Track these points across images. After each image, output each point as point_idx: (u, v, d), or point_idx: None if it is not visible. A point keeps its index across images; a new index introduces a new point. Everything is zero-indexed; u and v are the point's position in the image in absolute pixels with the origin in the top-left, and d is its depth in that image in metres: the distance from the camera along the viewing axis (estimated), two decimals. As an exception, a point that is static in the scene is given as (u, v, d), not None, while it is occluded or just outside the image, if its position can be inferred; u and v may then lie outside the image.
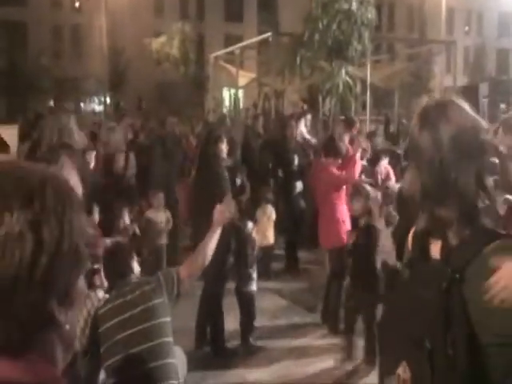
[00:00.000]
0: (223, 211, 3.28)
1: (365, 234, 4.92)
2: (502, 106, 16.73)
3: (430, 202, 1.53)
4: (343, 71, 8.81)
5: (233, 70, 17.30)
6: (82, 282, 0.94)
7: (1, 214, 0.85)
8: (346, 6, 8.65)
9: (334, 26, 8.60)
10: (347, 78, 8.82)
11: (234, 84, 17.55)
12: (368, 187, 5.22)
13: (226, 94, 22.94)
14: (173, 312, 3.10)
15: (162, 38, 30.66)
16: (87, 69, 32.63)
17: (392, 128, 16.09)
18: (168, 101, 28.29)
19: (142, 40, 31.14)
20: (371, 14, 8.83)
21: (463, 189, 1.48)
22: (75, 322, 0.96)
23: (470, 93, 8.81)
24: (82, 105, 35.81)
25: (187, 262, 3.17)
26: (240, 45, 17.24)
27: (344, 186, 5.81)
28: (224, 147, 5.22)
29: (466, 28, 42.90)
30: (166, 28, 31.44)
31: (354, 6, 8.64)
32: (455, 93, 15.94)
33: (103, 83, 28.97)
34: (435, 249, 1.57)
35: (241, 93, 21.19)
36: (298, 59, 9.02)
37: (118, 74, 31.03)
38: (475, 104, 8.96)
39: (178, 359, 3.06)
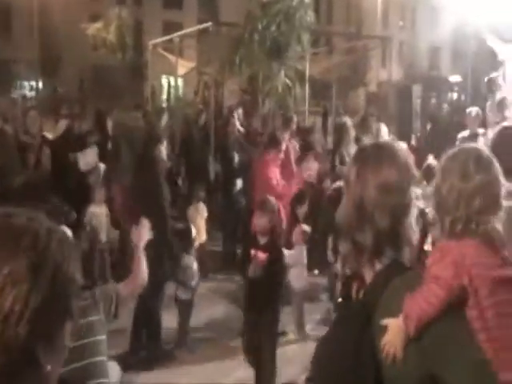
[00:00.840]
0: (140, 234, 3.23)
1: (267, 264, 4.24)
2: (433, 101, 17.45)
3: (351, 230, 1.68)
4: (282, 73, 8.88)
5: (172, 58, 17.04)
6: (68, 328, 1.00)
7: (8, 252, 0.91)
8: (285, 8, 8.68)
9: (274, 28, 8.62)
10: (286, 80, 8.90)
11: (173, 72, 17.30)
12: (273, 201, 4.54)
13: (165, 82, 22.64)
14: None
15: (99, 24, 29.76)
16: (17, 52, 31.21)
17: (329, 120, 16.44)
18: (105, 87, 27.55)
19: (77, 24, 30.11)
20: (310, 17, 8.92)
21: (379, 224, 1.63)
22: (57, 364, 1.02)
23: (404, 93, 9.14)
24: (12, 90, 34.26)
25: (128, 280, 3.12)
26: (179, 33, 16.96)
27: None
28: (164, 149, 5.11)
29: (401, 23, 44.12)
30: (102, 12, 30.53)
31: (294, 8, 8.69)
32: (391, 89, 16.40)
33: (35, 67, 27.81)
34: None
35: (180, 81, 20.95)
36: (238, 59, 9.01)
37: (51, 58, 29.87)
38: (409, 104, 9.36)
39: (111, 377, 3.00)
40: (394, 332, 1.47)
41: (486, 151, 1.68)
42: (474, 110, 7.81)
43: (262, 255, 4.27)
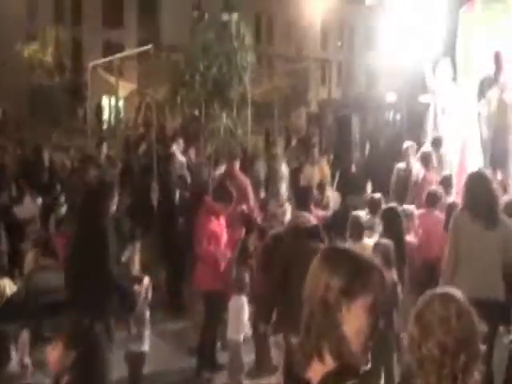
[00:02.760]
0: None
1: None
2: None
3: None
4: (224, 115, 8.91)
5: (112, 79, 16.86)
6: None
7: None
8: (226, 50, 8.74)
9: (215, 69, 8.64)
10: (228, 122, 8.93)
11: (114, 94, 17.10)
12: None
13: (106, 104, 22.32)
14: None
15: (35, 45, 29.02)
16: None
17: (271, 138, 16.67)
18: (43, 110, 26.81)
19: (12, 44, 29.24)
20: (251, 57, 9.02)
21: None
22: None
23: (343, 123, 9.41)
24: None
25: None
26: (120, 55, 16.82)
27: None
28: (116, 200, 4.77)
29: (339, 43, 45.34)
30: (39, 32, 29.81)
31: (235, 49, 8.76)
32: (331, 114, 16.77)
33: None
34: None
35: (121, 103, 20.69)
36: (179, 99, 8.98)
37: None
38: (348, 134, 9.63)
39: None
40: None
41: (460, 295, 1.69)
42: (409, 145, 8.16)
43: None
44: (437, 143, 8.06)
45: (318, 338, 1.59)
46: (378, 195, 6.63)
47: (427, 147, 8.05)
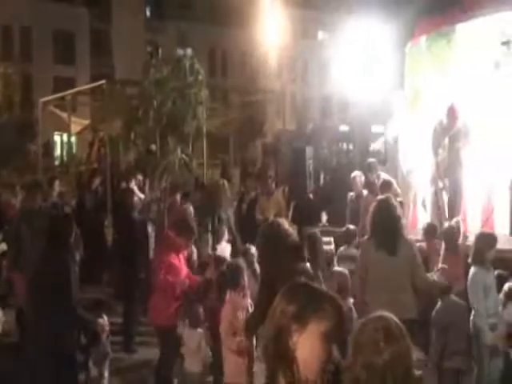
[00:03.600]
0: None
1: None
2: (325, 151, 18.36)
3: None
4: (179, 150, 8.88)
5: (64, 115, 16.62)
6: None
7: None
8: (180, 85, 8.78)
9: (169, 104, 8.66)
10: (183, 156, 8.91)
11: (65, 129, 16.83)
12: None
13: (58, 140, 21.92)
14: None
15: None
16: None
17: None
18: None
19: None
20: (204, 93, 9.09)
21: None
22: None
23: (298, 154, 9.55)
24: None
25: None
26: (71, 91, 16.65)
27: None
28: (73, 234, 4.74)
29: (293, 76, 46.33)
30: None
31: (189, 85, 8.82)
32: (286, 145, 17.01)
33: None
34: None
35: (74, 139, 20.38)
36: (133, 135, 8.91)
37: None
38: (302, 165, 9.74)
39: None
40: None
41: (395, 320, 1.73)
42: (357, 175, 8.47)
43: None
44: (370, 167, 8.45)
45: (272, 363, 1.67)
46: (352, 227, 6.83)
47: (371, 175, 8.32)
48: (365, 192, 8.14)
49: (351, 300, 4.83)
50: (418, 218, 8.78)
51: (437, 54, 9.92)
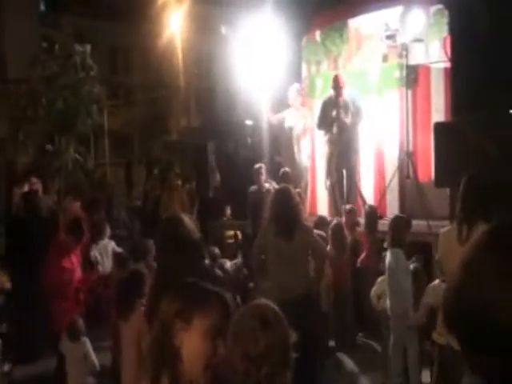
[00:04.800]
0: None
1: None
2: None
3: None
4: (72, 149, 8.52)
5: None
6: None
7: None
8: (71, 82, 8.40)
9: (60, 103, 8.25)
10: (76, 155, 8.56)
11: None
12: None
13: None
14: None
15: None
16: None
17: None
18: None
19: None
20: (97, 89, 8.78)
21: None
22: None
23: (199, 151, 9.56)
24: None
25: None
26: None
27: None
28: None
29: (197, 71, 46.06)
30: None
31: (80, 81, 8.44)
32: (189, 142, 16.91)
33: None
34: None
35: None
36: (21, 135, 8.43)
37: None
38: (205, 161, 9.73)
39: None
40: None
41: (272, 307, 1.73)
42: (257, 167, 8.39)
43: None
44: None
45: (157, 363, 1.63)
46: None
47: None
48: (267, 185, 8.22)
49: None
50: (316, 207, 9.07)
51: (330, 47, 10.31)
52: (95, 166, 14.48)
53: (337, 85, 8.17)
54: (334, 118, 8.04)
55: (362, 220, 7.05)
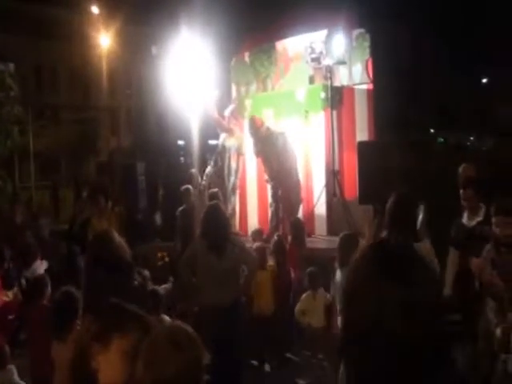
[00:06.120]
0: None
1: None
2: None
3: None
4: None
5: None
6: None
7: None
8: None
9: None
10: None
11: None
12: None
13: None
14: None
15: None
16: None
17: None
18: None
19: None
20: (18, 110, 8.50)
21: None
22: None
23: (128, 172, 9.41)
24: None
25: None
26: None
27: None
28: None
29: (128, 91, 45.48)
30: None
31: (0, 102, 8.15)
32: (118, 163, 16.62)
33: None
34: None
35: None
36: None
37: None
38: (134, 182, 9.56)
39: None
40: None
41: (185, 329, 1.65)
42: (184, 187, 8.21)
43: None
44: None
45: None
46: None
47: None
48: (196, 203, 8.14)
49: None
50: (247, 225, 9.10)
51: (259, 68, 10.51)
52: (20, 189, 13.93)
53: (254, 126, 8.24)
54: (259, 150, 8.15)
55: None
